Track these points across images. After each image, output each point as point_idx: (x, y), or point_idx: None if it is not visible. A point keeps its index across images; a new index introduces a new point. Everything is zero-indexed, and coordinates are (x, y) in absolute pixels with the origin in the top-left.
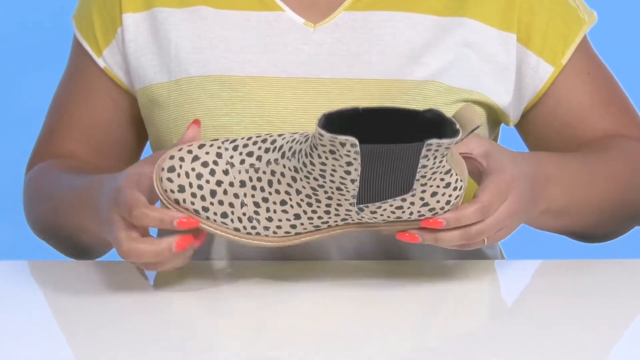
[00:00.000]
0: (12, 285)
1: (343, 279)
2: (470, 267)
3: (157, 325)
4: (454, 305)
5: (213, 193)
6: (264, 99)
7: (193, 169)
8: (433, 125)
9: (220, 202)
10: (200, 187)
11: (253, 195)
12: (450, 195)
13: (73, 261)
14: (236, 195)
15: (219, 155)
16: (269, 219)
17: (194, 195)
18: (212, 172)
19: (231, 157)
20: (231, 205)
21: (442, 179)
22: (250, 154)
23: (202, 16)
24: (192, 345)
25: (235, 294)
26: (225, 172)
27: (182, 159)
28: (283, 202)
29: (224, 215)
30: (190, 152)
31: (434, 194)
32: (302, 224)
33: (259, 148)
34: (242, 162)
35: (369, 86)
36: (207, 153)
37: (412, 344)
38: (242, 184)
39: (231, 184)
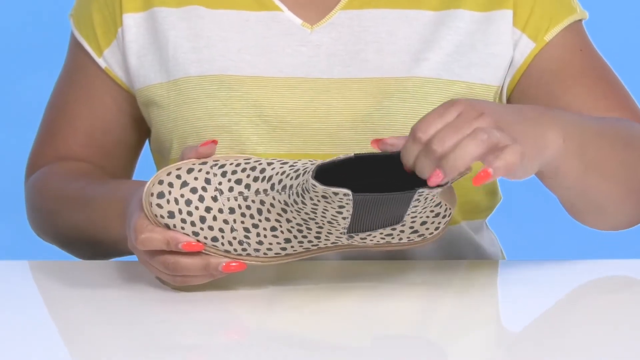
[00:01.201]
0: (12, 285)
1: (343, 279)
2: (470, 267)
3: (156, 324)
4: (453, 305)
5: (202, 219)
6: (262, 99)
7: (182, 195)
8: None
9: (210, 228)
10: (189, 214)
11: (243, 222)
12: (439, 223)
13: (73, 261)
14: (225, 221)
15: (207, 181)
16: (260, 243)
17: (183, 221)
18: (201, 199)
19: (220, 183)
20: (221, 230)
21: (431, 211)
22: (238, 182)
23: (200, 15)
24: (192, 345)
25: (235, 294)
26: (214, 199)
27: (171, 185)
28: (273, 229)
29: (215, 239)
30: (179, 177)
31: (423, 223)
32: (292, 246)
33: (248, 176)
34: (231, 189)
35: (367, 85)
36: (196, 179)
37: (411, 343)
38: (231, 210)
39: (220, 211)
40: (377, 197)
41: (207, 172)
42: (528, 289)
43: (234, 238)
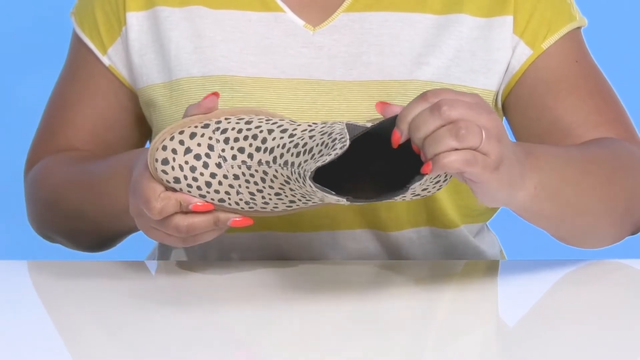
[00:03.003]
0: (12, 285)
1: (343, 279)
2: (470, 267)
3: (156, 325)
4: (453, 306)
5: (208, 184)
6: (264, 100)
7: (186, 162)
8: None
9: (217, 191)
10: (195, 179)
11: (247, 187)
12: (441, 184)
13: (73, 261)
14: (231, 186)
15: (210, 147)
16: (265, 203)
17: (189, 186)
18: (205, 165)
19: (223, 150)
20: (227, 193)
21: (431, 181)
22: (241, 150)
23: (202, 15)
24: (191, 345)
25: (235, 294)
26: (218, 166)
27: (174, 151)
28: (277, 194)
29: (221, 200)
30: (182, 142)
31: (424, 189)
32: (297, 205)
33: (250, 145)
34: (234, 157)
35: (369, 87)
36: (199, 145)
37: (411, 344)
38: (236, 177)
39: (225, 177)
40: (372, 202)
41: (210, 138)
42: (528, 289)
43: (240, 199)
